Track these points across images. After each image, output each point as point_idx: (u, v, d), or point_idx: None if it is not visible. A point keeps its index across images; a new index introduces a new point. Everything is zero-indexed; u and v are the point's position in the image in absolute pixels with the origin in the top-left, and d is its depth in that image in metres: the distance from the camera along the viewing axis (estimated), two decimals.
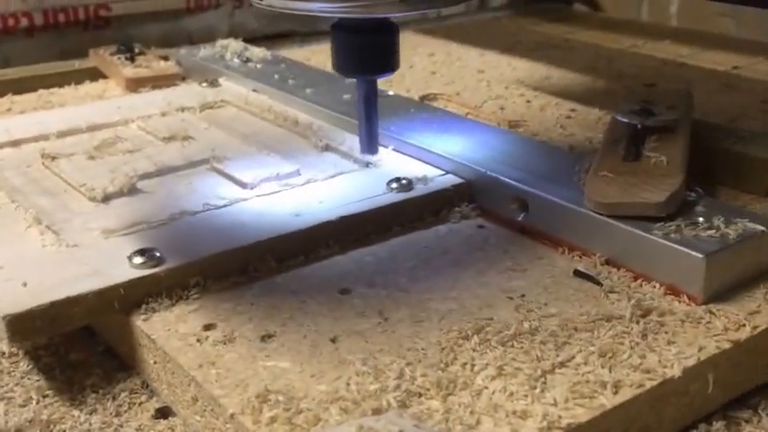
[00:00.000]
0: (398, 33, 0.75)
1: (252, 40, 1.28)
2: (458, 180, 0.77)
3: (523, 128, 0.96)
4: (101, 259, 0.64)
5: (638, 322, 0.58)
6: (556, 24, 1.50)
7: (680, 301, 0.61)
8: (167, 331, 0.59)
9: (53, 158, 0.84)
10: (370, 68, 0.75)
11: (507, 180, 0.73)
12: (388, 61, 0.75)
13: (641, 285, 0.63)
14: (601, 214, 0.66)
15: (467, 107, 1.03)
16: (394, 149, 0.83)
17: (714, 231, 0.62)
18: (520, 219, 0.72)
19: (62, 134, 0.91)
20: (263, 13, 1.45)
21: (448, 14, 1.63)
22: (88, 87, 1.15)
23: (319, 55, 1.28)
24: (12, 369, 0.65)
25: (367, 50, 0.74)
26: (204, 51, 1.17)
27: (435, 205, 0.75)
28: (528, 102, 1.06)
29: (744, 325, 0.58)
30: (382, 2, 0.68)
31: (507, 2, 1.69)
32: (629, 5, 1.59)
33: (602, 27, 1.47)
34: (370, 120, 0.78)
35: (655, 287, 0.62)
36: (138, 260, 0.63)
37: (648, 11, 1.57)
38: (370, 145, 0.79)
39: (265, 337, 0.59)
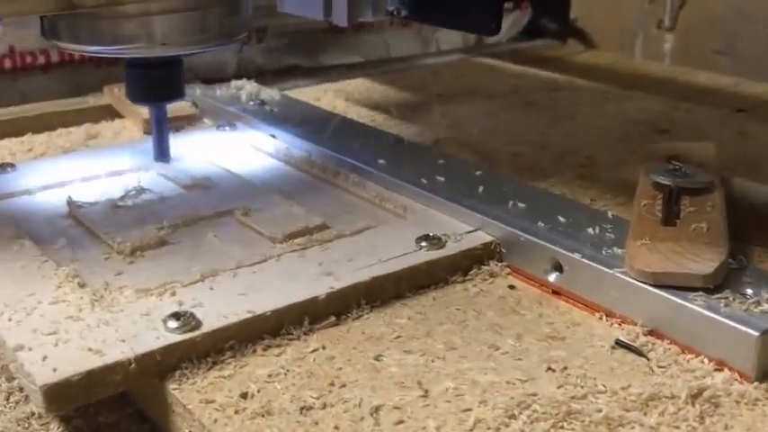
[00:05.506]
0: (181, 67, 0.84)
1: (259, 74, 1.25)
2: (488, 238, 0.72)
3: (542, 176, 0.91)
4: (135, 323, 0.59)
5: (693, 404, 0.53)
6: (557, 63, 1.45)
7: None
8: (204, 400, 0.54)
9: (79, 207, 0.78)
10: (160, 97, 0.86)
11: (539, 240, 0.68)
12: (173, 90, 0.86)
13: (688, 360, 0.58)
14: (644, 282, 0.61)
15: (480, 153, 0.99)
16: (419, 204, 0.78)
17: (766, 306, 0.58)
18: (552, 280, 0.68)
19: (85, 180, 0.85)
20: (270, 49, 1.41)
21: (445, 49, 1.59)
22: (105, 126, 1.10)
23: (329, 94, 1.24)
24: (41, 431, 0.59)
25: (154, 82, 0.84)
26: (220, 92, 1.11)
27: (465, 263, 0.71)
28: (542, 148, 1.01)
29: None
30: (145, 45, 0.77)
31: (505, 40, 1.65)
32: (623, 42, 1.55)
33: (600, 66, 1.43)
34: (161, 137, 0.90)
35: (703, 362, 0.57)
36: (172, 324, 0.59)
37: (642, 48, 1.53)
38: (162, 155, 0.90)
39: (304, 410, 0.54)
